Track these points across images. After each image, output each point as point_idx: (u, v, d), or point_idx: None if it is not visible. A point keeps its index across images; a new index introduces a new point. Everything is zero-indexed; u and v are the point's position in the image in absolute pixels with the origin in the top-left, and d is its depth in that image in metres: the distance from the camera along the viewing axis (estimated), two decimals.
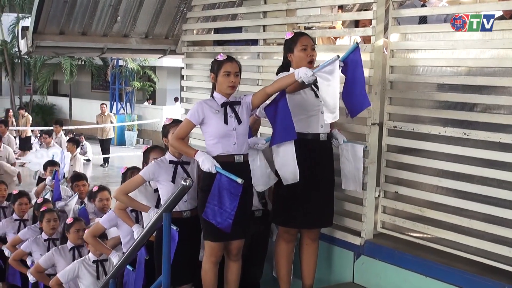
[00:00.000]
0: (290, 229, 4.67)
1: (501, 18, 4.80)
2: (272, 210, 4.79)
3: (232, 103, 4.31)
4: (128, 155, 19.36)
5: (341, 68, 4.26)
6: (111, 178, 16.13)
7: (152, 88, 26.43)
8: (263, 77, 5.76)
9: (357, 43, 4.47)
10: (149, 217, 4.68)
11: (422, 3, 5.43)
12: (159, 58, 9.55)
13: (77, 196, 7.19)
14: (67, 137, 13.70)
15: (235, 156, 4.27)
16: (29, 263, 6.40)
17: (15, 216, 7.29)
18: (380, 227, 4.84)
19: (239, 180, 4.07)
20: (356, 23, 5.82)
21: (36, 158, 11.58)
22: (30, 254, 6.46)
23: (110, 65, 25.34)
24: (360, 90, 4.35)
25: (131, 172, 5.38)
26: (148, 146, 5.32)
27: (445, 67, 4.45)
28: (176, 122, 4.72)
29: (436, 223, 4.44)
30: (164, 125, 4.86)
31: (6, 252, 6.94)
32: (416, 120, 4.59)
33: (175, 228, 4.17)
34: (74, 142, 11.96)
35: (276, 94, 4.32)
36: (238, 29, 6.42)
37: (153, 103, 26.55)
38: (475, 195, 4.20)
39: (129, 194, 4.74)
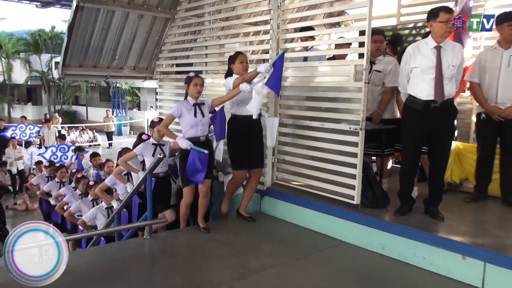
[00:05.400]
0: (241, 171, 4.49)
1: (333, 58, 4.85)
2: (231, 161, 4.55)
3: (199, 104, 4.25)
4: (124, 141, 18.83)
5: (272, 69, 4.15)
6: (113, 155, 15.59)
7: (138, 100, 25.79)
8: (206, 93, 5.73)
9: (283, 50, 4.34)
10: (138, 177, 4.67)
11: (305, 50, 5.10)
12: (142, 82, 9.30)
13: (92, 169, 7.10)
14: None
15: (200, 137, 4.21)
16: (65, 209, 6.29)
17: (56, 179, 7.25)
18: (275, 179, 4.90)
19: (206, 151, 4.08)
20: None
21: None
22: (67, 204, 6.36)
23: (111, 86, 24.54)
24: (280, 80, 4.22)
25: (124, 150, 5.33)
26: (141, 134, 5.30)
27: (310, 86, 4.52)
28: (160, 120, 4.67)
29: (306, 176, 4.52)
30: (152, 121, 4.82)
31: (52, 202, 6.90)
32: (295, 117, 4.64)
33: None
34: (62, 137, 11.59)
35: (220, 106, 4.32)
36: (190, 64, 6.41)
37: (139, 109, 25.89)
38: (328, 160, 4.29)
39: (128, 162, 4.70)
